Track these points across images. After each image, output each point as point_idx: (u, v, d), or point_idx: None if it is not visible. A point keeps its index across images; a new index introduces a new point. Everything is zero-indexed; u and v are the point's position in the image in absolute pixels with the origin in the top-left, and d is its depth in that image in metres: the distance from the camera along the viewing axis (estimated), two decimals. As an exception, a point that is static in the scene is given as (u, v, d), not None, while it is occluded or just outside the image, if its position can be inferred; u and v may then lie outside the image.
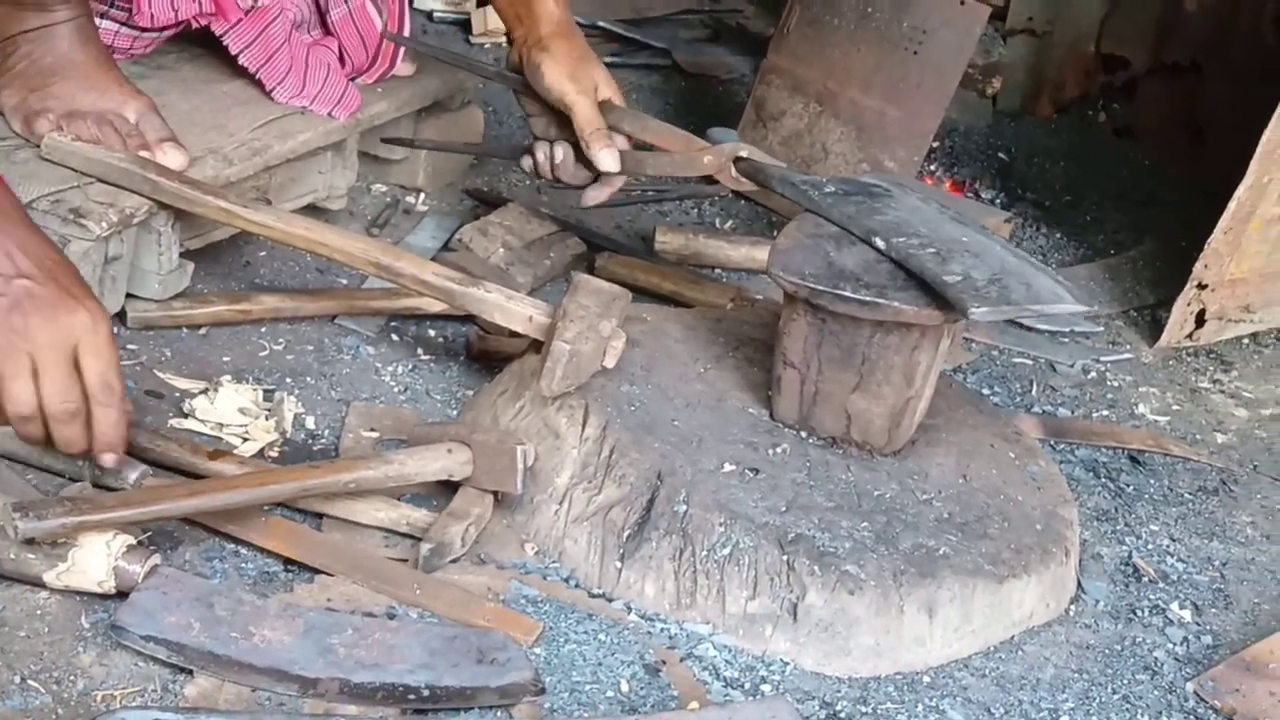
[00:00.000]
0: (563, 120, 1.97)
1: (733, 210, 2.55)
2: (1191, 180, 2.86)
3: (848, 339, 1.60)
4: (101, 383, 1.37)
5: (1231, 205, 2.20)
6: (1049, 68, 3.14)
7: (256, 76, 1.95)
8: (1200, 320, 2.34)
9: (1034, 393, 2.15)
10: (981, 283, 1.49)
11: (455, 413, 1.79)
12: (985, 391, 2.13)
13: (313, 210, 2.03)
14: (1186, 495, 1.94)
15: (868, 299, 1.54)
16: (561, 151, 1.98)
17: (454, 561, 1.48)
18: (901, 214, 1.64)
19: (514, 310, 1.64)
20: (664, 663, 1.42)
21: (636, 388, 1.67)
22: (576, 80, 1.93)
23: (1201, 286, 2.29)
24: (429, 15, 3.13)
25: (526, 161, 2.04)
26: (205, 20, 1.88)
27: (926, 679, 1.50)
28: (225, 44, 1.92)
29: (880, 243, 1.57)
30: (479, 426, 1.60)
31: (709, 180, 2.63)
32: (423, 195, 2.30)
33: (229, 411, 1.65)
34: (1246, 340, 2.42)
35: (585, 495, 1.54)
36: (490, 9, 3.11)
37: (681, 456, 1.57)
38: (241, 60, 1.94)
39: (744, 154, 1.87)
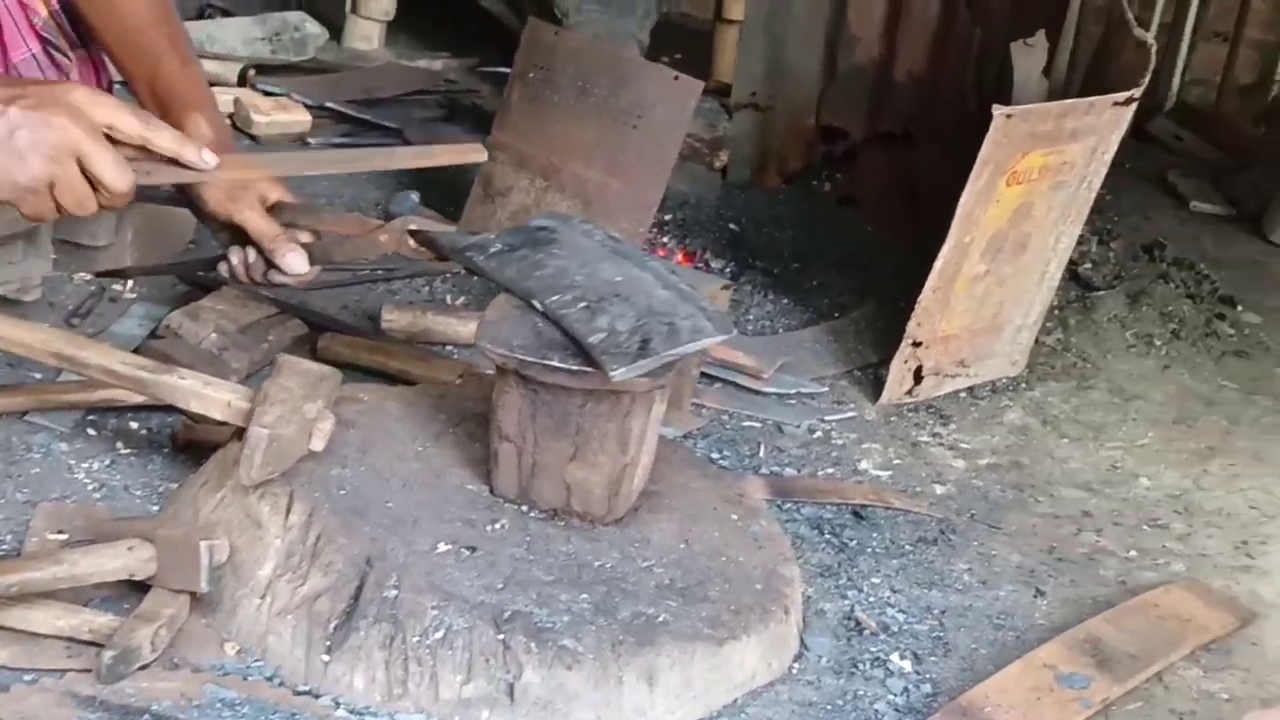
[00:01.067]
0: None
1: (465, 286, 2.53)
2: (909, 243, 2.99)
3: (560, 409, 1.59)
4: (114, 188, 1.48)
5: (937, 265, 2.30)
6: (773, 140, 3.24)
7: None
8: (918, 377, 2.43)
9: (762, 454, 2.18)
10: (624, 335, 1.50)
11: (157, 508, 1.69)
12: (715, 455, 2.15)
13: (4, 303, 1.91)
14: (907, 546, 2.00)
15: (575, 368, 1.54)
16: (253, 256, 1.95)
17: (144, 668, 1.38)
18: (563, 261, 1.65)
19: (211, 396, 1.57)
20: (376, 757, 1.36)
21: (348, 470, 1.62)
22: (236, 199, 1.90)
23: (916, 344, 2.39)
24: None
25: (223, 268, 2.00)
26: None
27: (651, 749, 1.48)
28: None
29: (537, 304, 1.58)
30: (165, 521, 1.52)
31: (441, 256, 2.63)
32: (130, 282, 2.20)
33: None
34: (963, 394, 2.53)
35: (289, 587, 1.47)
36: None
37: (394, 539, 1.52)
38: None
39: (413, 226, 1.87)
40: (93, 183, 1.51)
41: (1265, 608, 2.00)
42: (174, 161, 1.60)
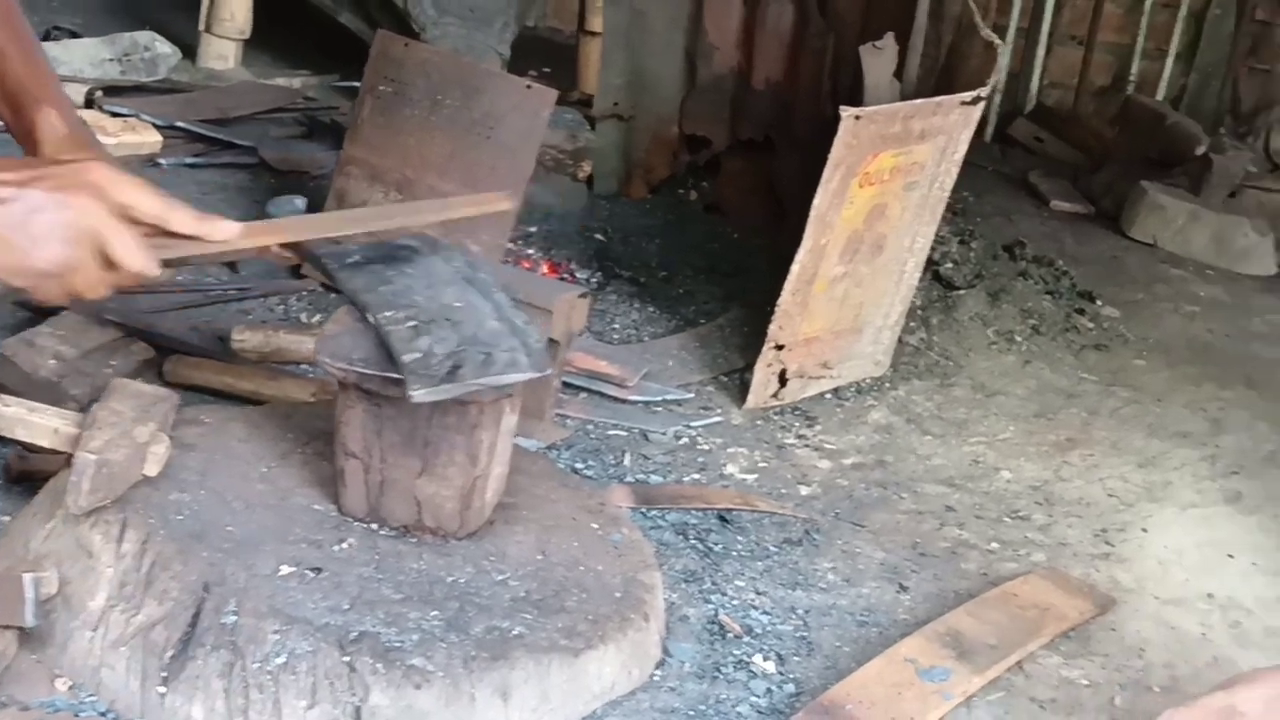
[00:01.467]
0: None
1: (321, 304, 2.48)
2: (775, 248, 3.01)
3: (406, 423, 1.55)
4: (135, 270, 1.41)
5: (794, 268, 2.31)
6: (638, 150, 3.25)
7: None
8: (783, 380, 2.44)
9: (627, 462, 2.17)
10: (438, 359, 1.48)
11: (-13, 543, 1.61)
12: (579, 466, 2.13)
13: None
14: (772, 548, 1.99)
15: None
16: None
17: (-35, 709, 1.32)
18: (410, 280, 1.62)
19: (36, 423, 1.50)
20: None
21: (187, 494, 1.56)
22: None
23: (779, 348, 2.39)
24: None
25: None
26: None
27: (509, 766, 1.45)
28: None
29: (370, 318, 1.55)
30: (-10, 554, 1.44)
31: (296, 274, 2.57)
32: (-37, 310, 2.11)
33: None
34: (829, 395, 2.54)
35: (123, 617, 1.41)
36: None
37: (234, 563, 1.47)
38: None
39: None
40: (111, 264, 1.42)
41: (1124, 593, 2.03)
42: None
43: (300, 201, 2.42)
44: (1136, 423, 2.68)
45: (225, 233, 1.49)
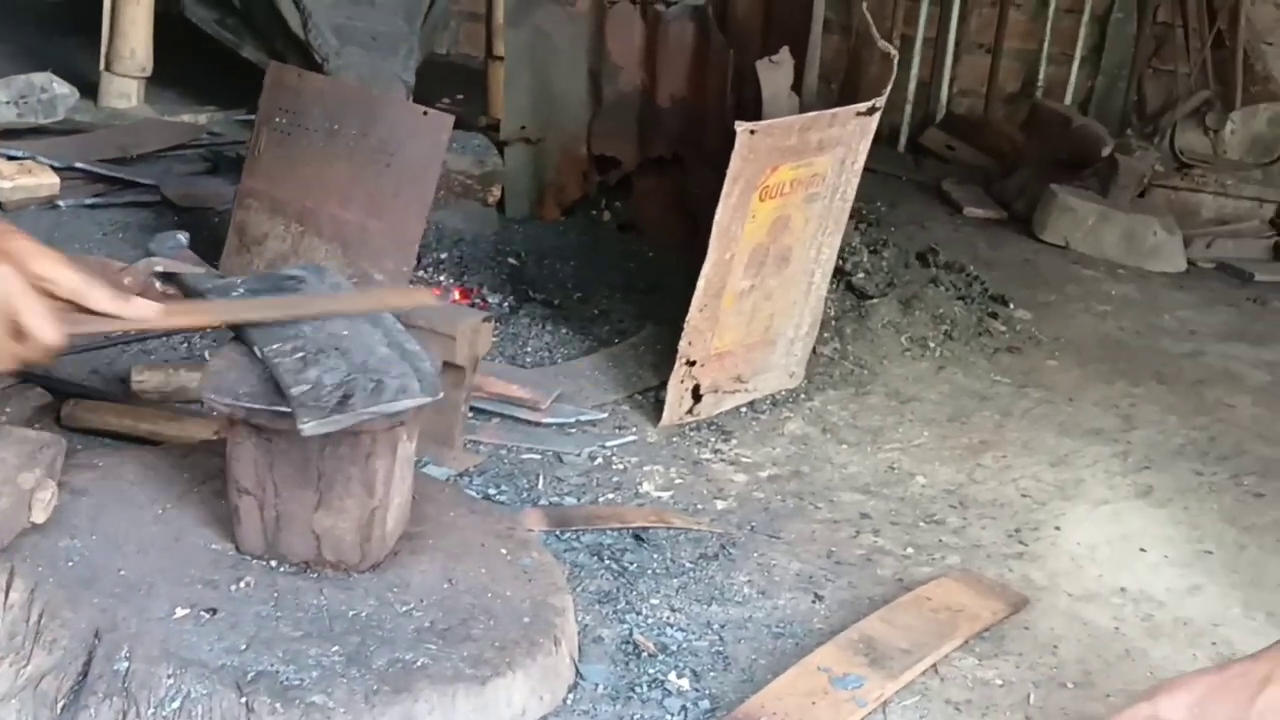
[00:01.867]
0: None
1: (225, 340, 2.44)
2: (689, 264, 3.00)
3: (299, 455, 1.52)
4: (45, 342, 1.39)
5: (701, 284, 2.31)
6: (548, 172, 3.24)
7: None
8: (697, 395, 2.44)
9: (541, 485, 2.15)
10: (328, 389, 1.46)
11: None
12: (492, 491, 2.11)
13: None
14: (688, 564, 1.99)
15: (306, 411, 1.47)
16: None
17: None
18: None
19: (-85, 474, 1.46)
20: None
21: (78, 540, 1.52)
22: None
23: (691, 364, 2.39)
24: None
25: None
26: None
27: (417, 800, 1.42)
28: None
29: (257, 351, 1.52)
30: None
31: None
32: None
33: None
34: (744, 409, 2.54)
35: (13, 669, 1.37)
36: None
37: (127, 608, 1.43)
38: None
39: (159, 268, 1.78)
40: (20, 336, 1.39)
41: (1037, 591, 2.05)
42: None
43: (183, 237, 2.39)
44: (1048, 422, 2.71)
45: (143, 313, 1.48)
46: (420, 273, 2.77)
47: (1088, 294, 3.65)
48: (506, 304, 2.83)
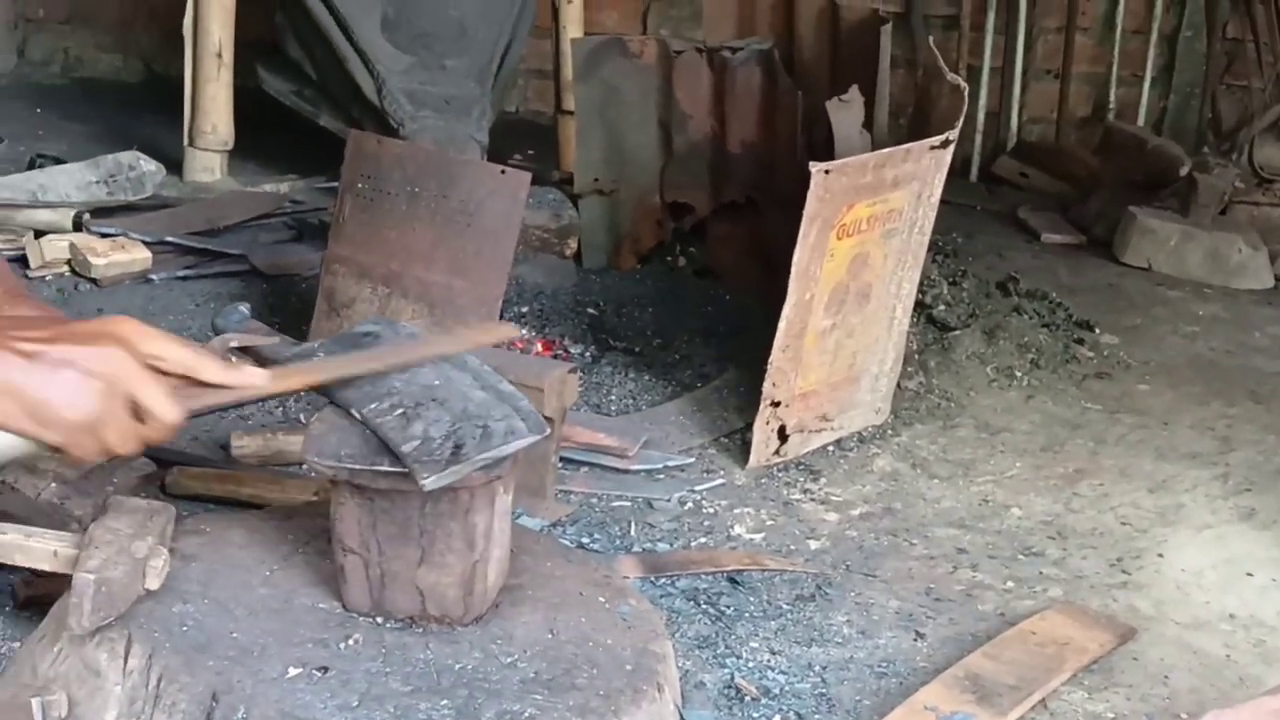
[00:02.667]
0: None
1: (320, 403, 2.47)
2: (767, 306, 3.02)
3: (400, 514, 1.55)
4: (165, 421, 1.43)
5: (782, 325, 2.32)
6: (623, 223, 3.27)
7: None
8: (783, 436, 2.44)
9: (633, 532, 2.16)
10: (438, 442, 1.48)
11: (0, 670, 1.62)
12: (585, 540, 2.13)
13: None
14: (785, 606, 1.98)
15: (406, 470, 1.50)
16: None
17: (-24, 842, 1.31)
18: None
19: (35, 548, 1.51)
20: None
21: (191, 605, 1.56)
22: None
23: (776, 404, 2.39)
24: (-22, 250, 2.96)
25: None
26: None
27: None
28: None
29: (355, 413, 1.55)
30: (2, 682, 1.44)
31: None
32: (-39, 440, 2.12)
33: None
34: (831, 448, 2.54)
35: (134, 734, 1.41)
36: (45, 240, 2.98)
37: (240, 670, 1.46)
38: None
39: (234, 343, 1.82)
40: (141, 416, 1.42)
41: (1144, 621, 2.01)
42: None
43: (245, 308, 2.43)
44: (1144, 447, 2.67)
45: (254, 381, 1.52)
46: (503, 328, 2.80)
47: (1175, 315, 3.60)
48: (589, 354, 2.86)
